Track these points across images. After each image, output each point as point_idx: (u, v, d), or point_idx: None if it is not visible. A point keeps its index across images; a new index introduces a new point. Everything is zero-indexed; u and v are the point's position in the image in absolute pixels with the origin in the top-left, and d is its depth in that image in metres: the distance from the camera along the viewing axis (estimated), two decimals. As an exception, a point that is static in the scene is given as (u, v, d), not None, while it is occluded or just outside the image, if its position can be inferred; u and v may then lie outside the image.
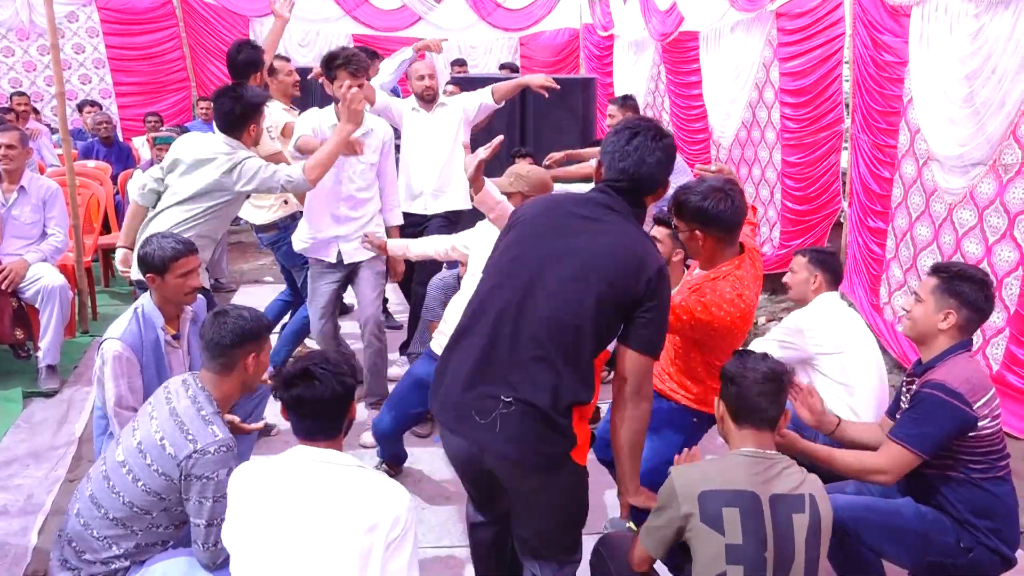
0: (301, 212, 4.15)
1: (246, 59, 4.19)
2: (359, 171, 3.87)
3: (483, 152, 2.89)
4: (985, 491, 2.36)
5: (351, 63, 3.66)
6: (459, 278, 4.04)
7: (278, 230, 4.39)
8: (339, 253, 3.90)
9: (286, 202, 4.38)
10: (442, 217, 4.58)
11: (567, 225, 2.15)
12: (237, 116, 3.40)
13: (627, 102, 5.04)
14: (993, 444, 2.36)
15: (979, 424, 2.31)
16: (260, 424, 2.91)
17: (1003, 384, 3.99)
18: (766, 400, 2.08)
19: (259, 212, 4.40)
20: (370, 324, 3.94)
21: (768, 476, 2.01)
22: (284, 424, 3.91)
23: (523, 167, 3.61)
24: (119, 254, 3.63)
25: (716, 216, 2.44)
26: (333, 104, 3.81)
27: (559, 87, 4.81)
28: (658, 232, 3.47)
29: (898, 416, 2.47)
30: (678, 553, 2.11)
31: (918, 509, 2.40)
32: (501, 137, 3.09)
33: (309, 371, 2.01)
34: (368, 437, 3.79)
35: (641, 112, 5.11)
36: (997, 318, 4.06)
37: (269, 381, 2.38)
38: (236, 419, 2.72)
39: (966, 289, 2.42)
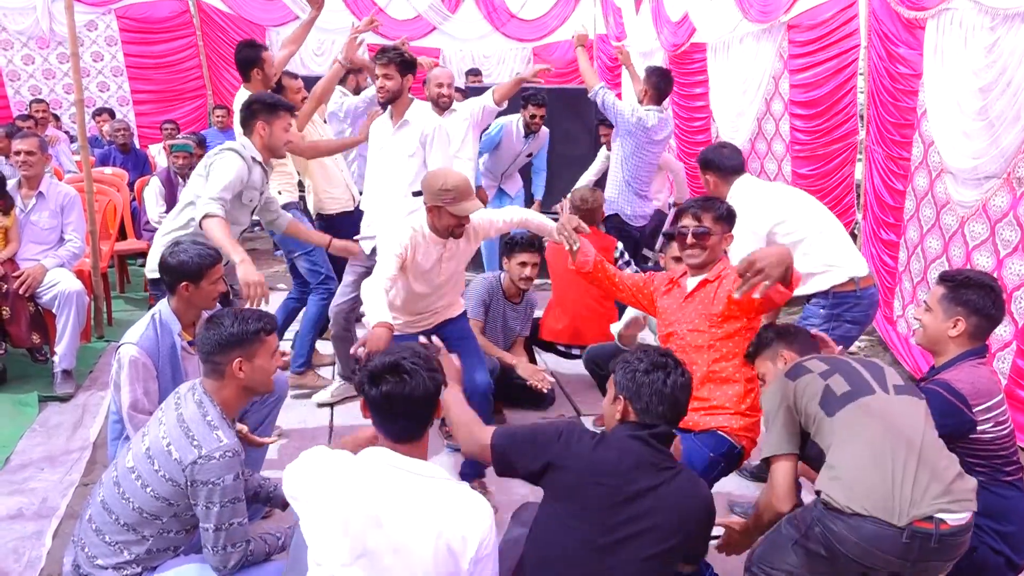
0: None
1: (243, 58, 4.43)
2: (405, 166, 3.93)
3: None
4: (992, 494, 2.37)
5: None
6: (499, 279, 4.11)
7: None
8: None
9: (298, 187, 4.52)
10: None
11: (628, 501, 2.04)
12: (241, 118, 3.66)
13: (648, 75, 5.10)
14: (997, 450, 2.39)
15: (979, 428, 2.35)
16: (270, 439, 2.93)
17: (1012, 398, 3.96)
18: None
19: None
20: None
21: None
22: (293, 425, 3.97)
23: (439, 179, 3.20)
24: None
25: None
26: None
27: (552, 68, 5.03)
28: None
29: None
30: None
31: None
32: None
33: (399, 365, 1.91)
34: (322, 396, 4.22)
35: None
36: (1005, 331, 4.04)
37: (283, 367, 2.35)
38: (244, 429, 2.73)
39: (973, 296, 2.47)
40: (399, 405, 1.91)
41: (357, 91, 5.27)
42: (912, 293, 4.78)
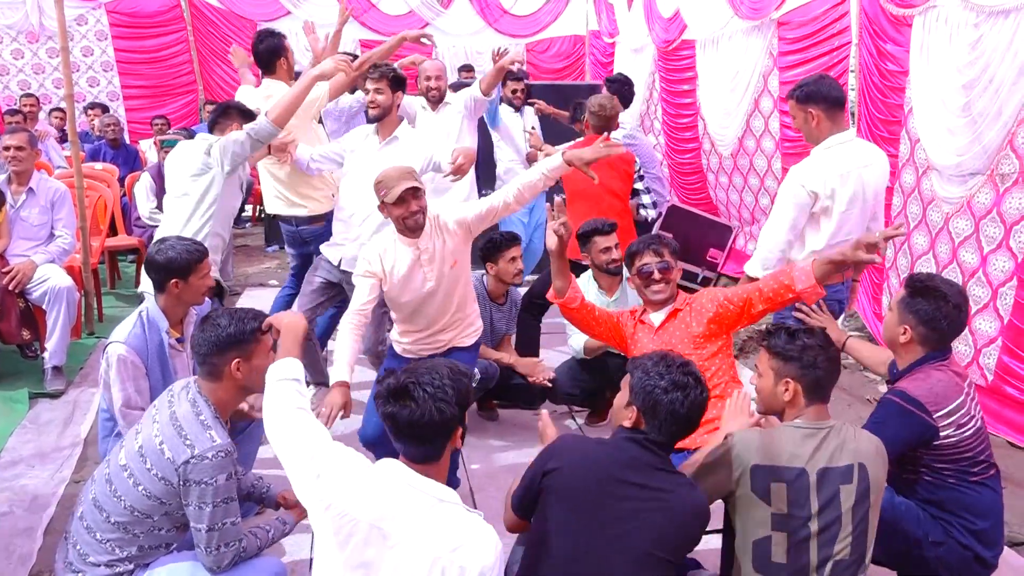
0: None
1: (266, 48, 4.29)
2: None
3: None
4: (961, 492, 2.40)
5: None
6: (482, 281, 4.03)
7: (325, 222, 4.34)
8: None
9: (333, 195, 4.41)
10: None
11: (618, 497, 2.03)
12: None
13: (608, 84, 5.12)
14: (963, 451, 2.40)
15: (941, 434, 2.35)
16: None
17: (999, 394, 4.00)
18: (835, 375, 2.24)
19: (309, 204, 4.35)
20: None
21: (819, 448, 2.11)
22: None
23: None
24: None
25: None
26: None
27: (523, 59, 5.00)
28: (607, 240, 3.83)
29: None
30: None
31: (892, 499, 2.43)
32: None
33: (407, 389, 1.89)
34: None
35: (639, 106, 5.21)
36: (990, 327, 4.07)
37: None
38: (246, 407, 2.75)
39: (922, 307, 2.45)
40: (405, 428, 1.90)
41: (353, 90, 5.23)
42: (899, 288, 4.80)
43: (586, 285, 3.87)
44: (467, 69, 8.43)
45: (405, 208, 3.03)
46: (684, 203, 6.65)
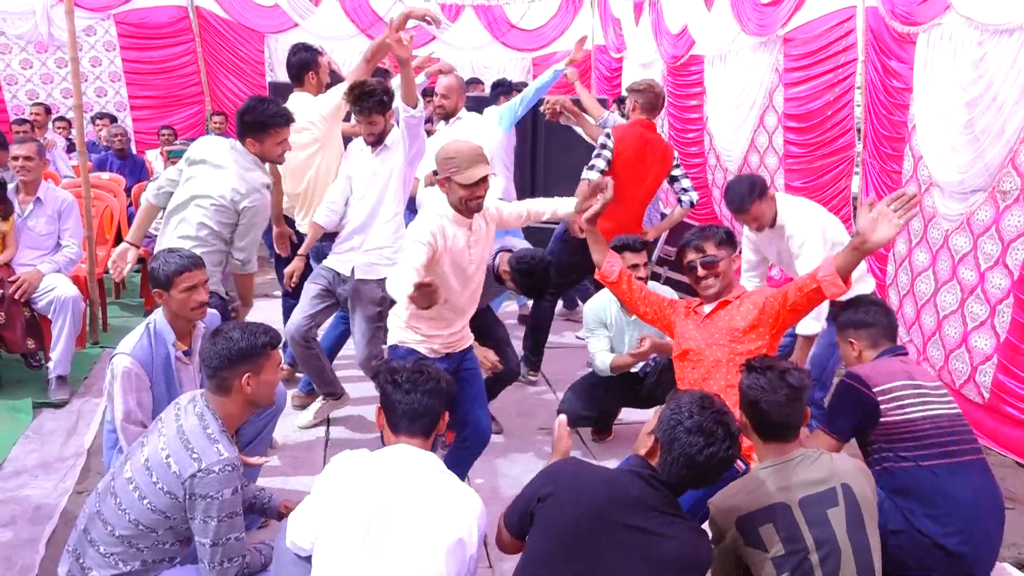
0: None
1: (298, 61, 4.33)
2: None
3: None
4: (917, 478, 2.46)
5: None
6: None
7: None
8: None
9: None
10: None
11: (610, 540, 1.93)
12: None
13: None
14: (912, 433, 2.49)
15: (880, 408, 2.50)
16: (262, 460, 2.82)
17: (997, 413, 3.99)
18: (793, 416, 2.20)
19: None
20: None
21: (792, 480, 2.10)
22: (288, 434, 3.96)
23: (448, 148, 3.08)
24: (119, 248, 3.72)
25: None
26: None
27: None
28: (637, 258, 3.73)
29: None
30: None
31: None
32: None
33: (420, 370, 2.23)
34: (303, 418, 4.10)
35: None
36: (985, 345, 4.06)
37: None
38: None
39: (852, 317, 2.85)
40: (418, 396, 2.17)
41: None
42: (899, 306, 4.80)
43: (607, 304, 3.84)
44: (475, 83, 8.45)
45: (472, 191, 2.96)
46: (688, 217, 6.64)
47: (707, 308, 3.01)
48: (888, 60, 4.81)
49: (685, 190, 4.69)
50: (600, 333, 3.83)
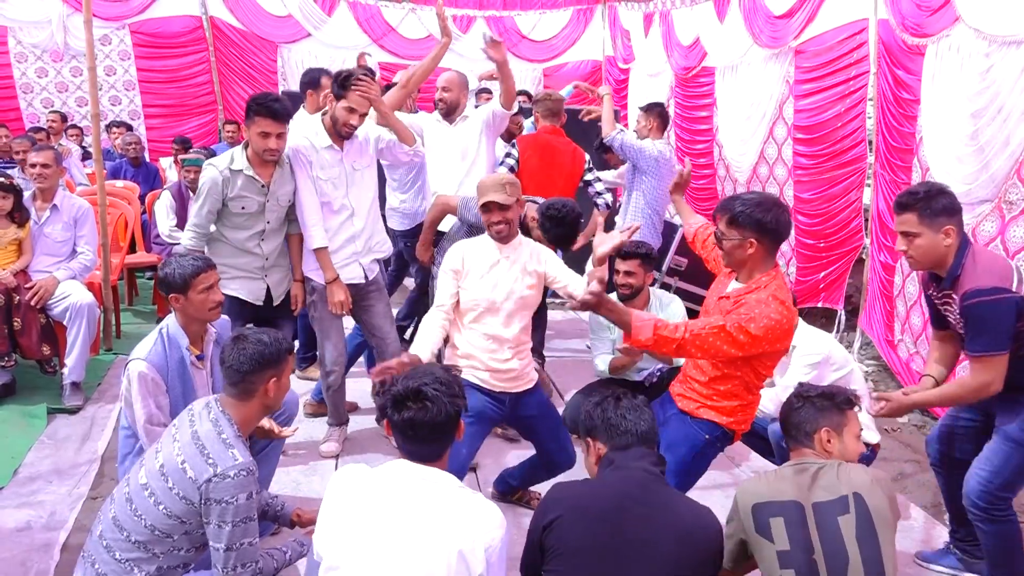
0: None
1: (308, 79, 4.57)
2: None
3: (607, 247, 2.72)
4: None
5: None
6: None
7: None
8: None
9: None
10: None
11: (627, 539, 2.03)
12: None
13: (651, 109, 5.06)
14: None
15: None
16: (292, 430, 2.93)
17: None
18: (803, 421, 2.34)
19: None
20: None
21: (809, 483, 2.17)
22: (300, 441, 3.97)
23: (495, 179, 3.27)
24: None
25: (775, 227, 2.57)
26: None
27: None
28: (629, 265, 3.72)
29: (963, 334, 2.73)
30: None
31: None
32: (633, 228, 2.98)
33: (421, 392, 1.97)
34: (328, 447, 3.95)
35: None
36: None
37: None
38: (267, 425, 2.77)
39: (944, 202, 2.71)
40: (422, 430, 1.97)
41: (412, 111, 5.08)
42: (905, 316, 4.79)
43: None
44: (486, 92, 8.49)
45: (488, 216, 3.17)
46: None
47: (731, 287, 2.78)
48: (898, 72, 4.81)
49: (599, 193, 4.71)
50: (603, 336, 3.90)
